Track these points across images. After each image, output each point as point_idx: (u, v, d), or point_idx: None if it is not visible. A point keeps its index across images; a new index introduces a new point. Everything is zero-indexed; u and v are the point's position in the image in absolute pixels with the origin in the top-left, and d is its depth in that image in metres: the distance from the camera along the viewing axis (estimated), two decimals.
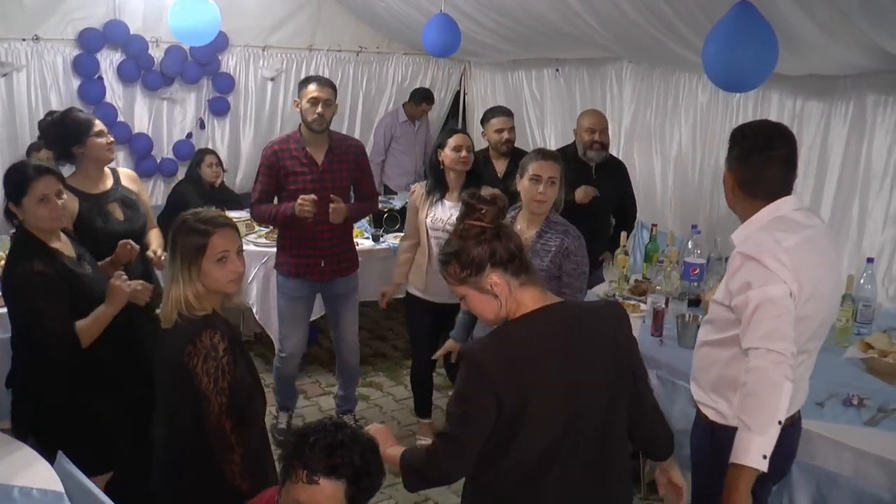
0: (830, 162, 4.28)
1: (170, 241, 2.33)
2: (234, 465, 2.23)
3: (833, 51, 3.63)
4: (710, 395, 2.42)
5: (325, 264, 4.10)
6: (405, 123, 6.97)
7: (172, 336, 2.26)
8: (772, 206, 2.30)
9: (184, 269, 2.26)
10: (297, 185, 3.96)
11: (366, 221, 5.57)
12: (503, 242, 1.98)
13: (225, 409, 2.22)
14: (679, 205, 5.31)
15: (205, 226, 2.28)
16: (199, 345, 2.21)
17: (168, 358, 2.29)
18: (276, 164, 3.99)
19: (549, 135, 6.47)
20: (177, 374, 2.24)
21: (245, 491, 2.23)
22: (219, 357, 2.22)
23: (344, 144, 4.13)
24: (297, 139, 4.03)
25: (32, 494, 2.24)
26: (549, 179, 3.22)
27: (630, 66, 5.62)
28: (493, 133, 4.83)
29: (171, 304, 2.27)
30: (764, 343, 2.11)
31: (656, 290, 4.10)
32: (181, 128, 6.27)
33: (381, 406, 4.87)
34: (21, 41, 5.34)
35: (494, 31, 5.70)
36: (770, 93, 4.63)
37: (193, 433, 2.24)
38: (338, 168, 4.05)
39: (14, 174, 2.79)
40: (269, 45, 6.49)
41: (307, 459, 1.81)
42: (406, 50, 7.20)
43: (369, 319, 6.32)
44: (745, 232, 2.33)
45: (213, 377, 2.20)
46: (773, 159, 2.30)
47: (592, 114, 4.73)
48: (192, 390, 2.21)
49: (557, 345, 1.96)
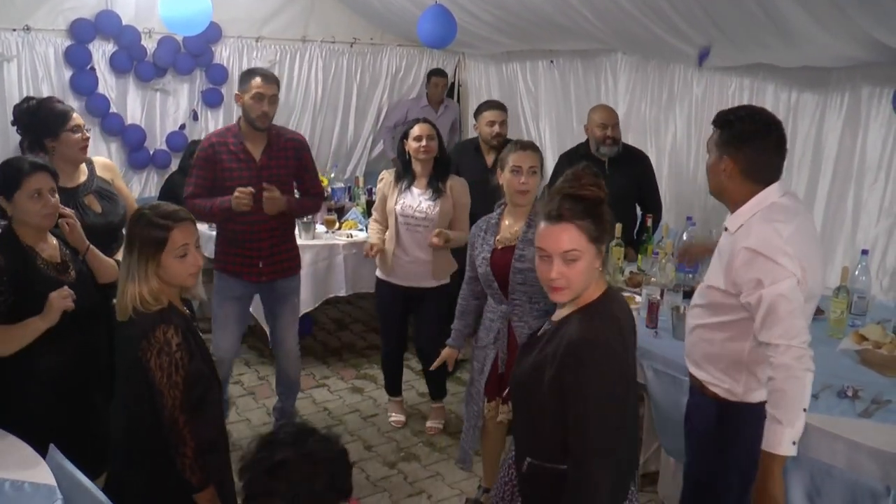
0: (825, 154, 4.28)
1: (126, 235, 2.33)
2: (186, 458, 2.26)
3: (827, 43, 3.63)
4: (715, 374, 2.49)
5: (262, 265, 3.92)
6: (426, 108, 6.85)
7: (128, 330, 2.28)
8: (764, 192, 2.37)
9: (140, 265, 2.27)
10: (234, 181, 3.77)
11: (360, 214, 5.56)
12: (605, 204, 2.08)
13: (179, 403, 2.24)
14: (674, 196, 5.30)
15: (165, 220, 2.29)
16: (153, 340, 2.23)
17: (124, 351, 2.32)
18: (213, 158, 3.82)
19: (544, 127, 6.45)
20: (133, 368, 2.26)
21: (195, 483, 2.27)
22: (172, 352, 2.24)
23: (283, 139, 3.94)
24: (236, 133, 3.86)
25: (24, 488, 2.22)
26: (530, 169, 3.20)
27: (625, 57, 5.60)
28: (485, 126, 4.85)
29: (126, 299, 2.27)
30: (784, 340, 2.20)
31: (651, 281, 4.10)
32: (174, 119, 6.22)
33: (374, 399, 4.86)
34: (12, 31, 5.29)
35: (489, 23, 5.68)
36: (765, 84, 4.63)
37: (150, 424, 2.27)
38: (276, 164, 3.89)
39: (8, 168, 2.73)
40: (263, 36, 6.45)
41: (256, 488, 1.81)
42: (400, 41, 7.16)
43: (364, 312, 6.32)
44: (741, 220, 2.38)
45: (166, 372, 2.23)
46: (772, 144, 2.37)
47: (603, 109, 4.74)
48: (148, 383, 2.24)
49: (629, 325, 2.16)
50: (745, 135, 2.35)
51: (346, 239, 5.17)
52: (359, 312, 6.34)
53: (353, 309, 6.39)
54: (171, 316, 2.29)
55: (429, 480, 4.00)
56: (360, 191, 6.06)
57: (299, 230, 5.07)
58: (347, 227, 5.35)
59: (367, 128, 7.23)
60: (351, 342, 5.78)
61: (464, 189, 4.17)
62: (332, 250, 5.10)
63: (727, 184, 2.41)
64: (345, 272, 5.12)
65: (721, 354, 2.46)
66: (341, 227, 5.36)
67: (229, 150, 3.84)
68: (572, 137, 5.74)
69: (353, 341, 5.80)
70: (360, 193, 6.01)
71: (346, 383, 5.09)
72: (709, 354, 2.50)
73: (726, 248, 2.40)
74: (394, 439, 4.39)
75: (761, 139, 2.35)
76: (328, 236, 5.21)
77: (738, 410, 2.45)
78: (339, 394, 4.93)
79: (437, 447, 4.31)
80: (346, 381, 5.13)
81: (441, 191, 4.09)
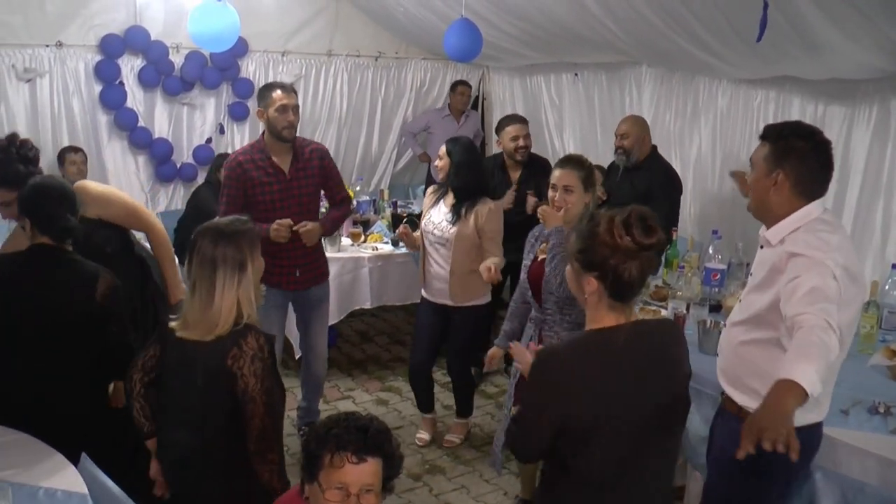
0: (853, 167, 4.23)
1: (197, 258, 2.34)
2: (273, 464, 2.29)
3: (855, 54, 3.60)
4: (751, 391, 2.37)
5: (300, 273, 4.04)
6: (447, 118, 6.86)
7: (211, 342, 2.29)
8: (807, 207, 2.32)
9: (231, 278, 2.32)
10: (265, 195, 3.88)
11: (384, 226, 5.58)
12: (625, 265, 1.95)
13: (269, 409, 2.28)
14: (699, 209, 5.27)
15: (238, 228, 2.38)
16: (246, 346, 2.27)
17: (205, 363, 2.31)
18: (243, 176, 3.87)
19: (568, 140, 6.46)
20: (215, 379, 2.27)
21: (279, 491, 2.28)
22: (265, 358, 2.28)
23: (307, 150, 4.02)
24: (262, 148, 3.92)
25: (57, 496, 2.26)
26: (565, 188, 3.19)
27: (649, 70, 5.60)
28: (509, 141, 4.85)
29: (221, 316, 2.29)
30: (814, 310, 2.04)
31: (677, 295, 4.08)
32: (201, 133, 6.31)
33: (399, 410, 4.87)
34: (45, 47, 5.40)
35: (514, 36, 5.70)
36: (791, 97, 4.60)
37: (227, 437, 2.29)
38: (304, 175, 3.97)
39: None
40: (289, 50, 6.52)
41: (347, 443, 1.88)
42: (424, 55, 7.21)
43: (388, 324, 6.34)
44: (783, 234, 2.32)
45: (260, 377, 2.26)
46: (824, 161, 2.34)
47: (622, 119, 4.80)
48: (232, 393, 2.25)
49: (628, 360, 2.01)
50: (799, 150, 2.31)
51: (371, 252, 5.19)
52: (383, 325, 6.36)
53: (378, 321, 6.40)
54: (256, 327, 2.34)
55: (454, 493, 4.00)
56: (385, 204, 6.09)
57: (325, 242, 5.10)
58: (372, 240, 5.38)
59: (391, 141, 7.28)
60: (375, 354, 5.79)
61: (492, 216, 4.00)
62: (358, 263, 5.13)
63: (773, 198, 2.35)
64: (370, 285, 5.15)
65: (764, 372, 2.30)
66: (366, 239, 5.38)
67: (257, 166, 3.89)
68: (596, 150, 5.74)
69: (378, 354, 5.81)
70: (384, 206, 6.04)
71: (370, 395, 5.10)
72: (749, 372, 2.40)
73: (769, 260, 2.34)
74: (419, 452, 4.39)
75: (815, 155, 2.32)
76: (353, 249, 5.24)
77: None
78: (363, 406, 4.94)
79: (463, 460, 4.30)
80: (371, 393, 5.14)
81: (460, 216, 4.03)
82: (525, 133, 4.86)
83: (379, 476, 1.93)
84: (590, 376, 1.97)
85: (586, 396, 1.95)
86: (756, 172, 2.40)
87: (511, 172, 4.93)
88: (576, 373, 1.97)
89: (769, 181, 2.34)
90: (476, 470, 4.18)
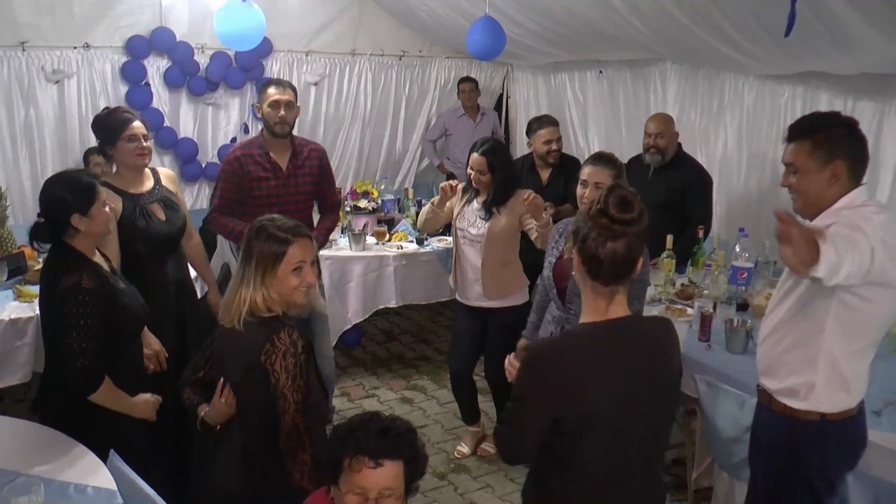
0: (883, 163, 4.18)
1: (244, 245, 2.34)
2: (304, 464, 2.26)
3: (885, 47, 3.55)
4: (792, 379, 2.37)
5: None
6: (463, 118, 6.88)
7: (247, 336, 2.27)
8: (852, 194, 2.28)
9: (257, 274, 2.29)
10: (262, 190, 3.93)
11: (409, 225, 5.59)
12: (605, 243, 1.94)
13: (300, 407, 2.25)
14: (724, 207, 5.22)
15: (285, 234, 2.31)
16: (279, 342, 2.24)
17: (241, 357, 2.30)
18: (240, 171, 3.92)
19: (593, 137, 6.43)
20: (250, 374, 2.26)
21: (310, 492, 2.24)
22: (297, 353, 2.25)
23: (307, 149, 4.10)
24: (260, 144, 3.99)
25: (87, 492, 2.29)
26: (595, 185, 3.16)
27: (674, 67, 5.56)
28: (542, 144, 4.84)
29: (237, 304, 2.29)
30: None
31: (703, 294, 4.04)
32: (225, 132, 6.35)
33: (424, 409, 4.87)
34: (72, 49, 5.45)
35: (537, 33, 5.68)
36: (818, 93, 4.55)
37: (263, 434, 2.28)
38: (301, 173, 4.04)
39: (77, 184, 2.68)
40: (312, 49, 6.54)
41: (365, 446, 1.87)
42: (448, 53, 7.20)
43: (413, 323, 6.35)
44: (830, 220, 2.25)
45: (291, 374, 2.23)
46: (864, 138, 2.33)
47: (652, 118, 4.78)
48: (266, 389, 2.24)
49: (616, 356, 2.00)
50: (843, 136, 2.28)
51: (396, 251, 5.20)
52: (408, 324, 6.37)
53: (403, 320, 6.42)
54: (290, 322, 2.32)
55: (479, 492, 3.99)
56: (410, 202, 6.09)
57: (350, 242, 5.13)
58: (397, 239, 5.39)
59: (415, 140, 7.29)
60: (400, 353, 5.80)
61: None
62: (382, 262, 5.13)
63: (833, 190, 2.29)
64: (395, 283, 5.15)
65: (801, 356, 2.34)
66: (391, 238, 5.39)
67: (255, 161, 3.95)
68: (620, 148, 5.70)
69: (403, 352, 5.82)
70: (409, 205, 6.04)
71: (395, 394, 5.11)
72: (788, 358, 2.39)
73: None
74: (444, 450, 4.38)
75: (857, 136, 2.30)
76: (378, 248, 5.25)
77: (805, 425, 2.33)
78: (388, 404, 4.95)
79: (488, 459, 4.29)
80: (396, 391, 5.15)
81: (493, 213, 3.95)
82: (557, 136, 4.85)
83: (400, 479, 1.91)
84: (580, 368, 1.95)
85: (577, 389, 1.94)
86: (805, 172, 2.32)
87: (541, 172, 4.92)
88: (566, 365, 1.96)
89: (825, 174, 2.28)
90: (501, 469, 4.16)
